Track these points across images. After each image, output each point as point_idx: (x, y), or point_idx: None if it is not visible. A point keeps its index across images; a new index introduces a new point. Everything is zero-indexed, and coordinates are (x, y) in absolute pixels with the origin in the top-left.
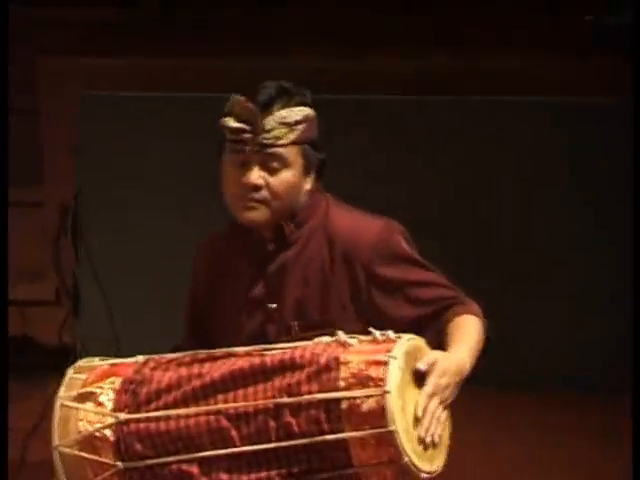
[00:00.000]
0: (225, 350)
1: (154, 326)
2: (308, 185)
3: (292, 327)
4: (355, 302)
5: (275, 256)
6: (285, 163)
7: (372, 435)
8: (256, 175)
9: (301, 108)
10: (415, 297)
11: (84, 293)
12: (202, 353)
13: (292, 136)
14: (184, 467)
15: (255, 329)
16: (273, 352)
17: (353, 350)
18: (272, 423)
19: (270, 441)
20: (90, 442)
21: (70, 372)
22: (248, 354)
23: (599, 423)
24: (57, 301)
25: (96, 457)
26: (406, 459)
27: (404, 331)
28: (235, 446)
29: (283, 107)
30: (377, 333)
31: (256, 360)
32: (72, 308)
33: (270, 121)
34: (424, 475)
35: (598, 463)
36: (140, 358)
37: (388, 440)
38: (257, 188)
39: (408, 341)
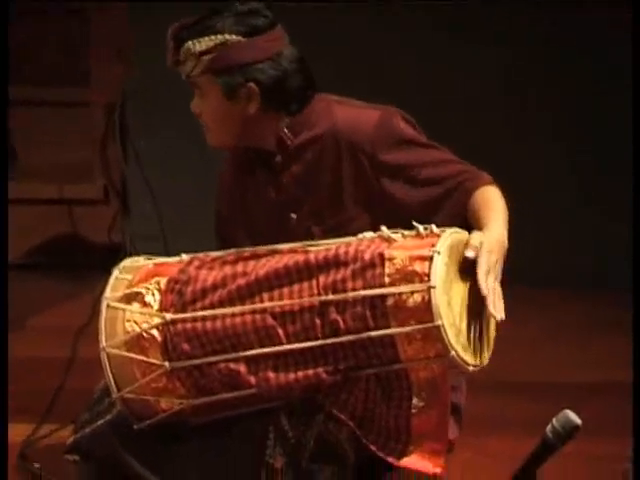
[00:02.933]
0: (269, 247)
1: (200, 226)
2: (253, 107)
3: (313, 233)
4: (368, 195)
5: (284, 167)
6: (205, 91)
7: (418, 330)
8: (194, 103)
9: (212, 37)
10: (424, 177)
11: (132, 193)
12: (247, 251)
13: (200, 67)
14: (231, 366)
15: (281, 240)
16: (317, 249)
17: (397, 246)
18: (318, 320)
19: (316, 338)
20: (137, 342)
21: (115, 272)
22: (292, 251)
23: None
24: (106, 200)
25: (144, 357)
26: (453, 353)
27: (420, 215)
28: (281, 344)
29: (191, 38)
30: (421, 227)
31: (300, 257)
32: (121, 207)
33: (181, 53)
34: (471, 368)
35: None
36: (185, 257)
37: (434, 335)
38: (197, 115)
39: (451, 235)
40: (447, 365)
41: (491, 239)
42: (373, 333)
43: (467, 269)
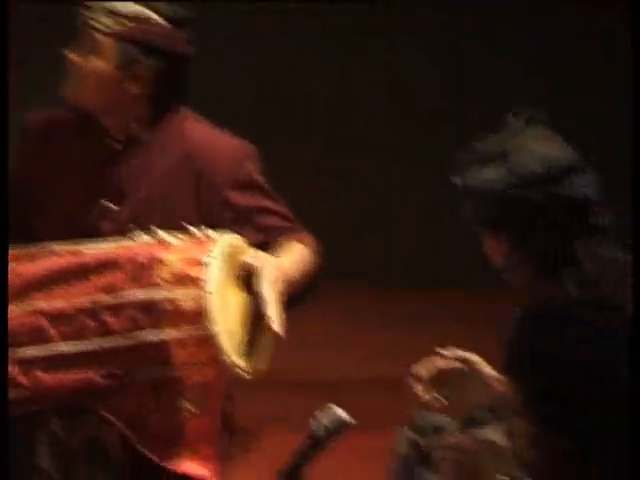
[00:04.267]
0: (44, 248)
1: None
2: (135, 89)
3: (130, 231)
4: (199, 220)
5: (121, 157)
6: (99, 50)
7: (192, 335)
8: (76, 52)
9: (141, 8)
10: (260, 224)
11: None
12: (20, 250)
13: (114, 27)
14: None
15: (90, 227)
16: (94, 250)
17: (174, 249)
18: (91, 323)
19: (89, 341)
20: None
21: None
22: (68, 252)
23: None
24: None
25: None
26: (227, 359)
27: None
28: (54, 345)
29: None
30: (197, 232)
31: (76, 258)
32: None
33: (101, 6)
34: (246, 374)
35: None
36: None
37: (208, 340)
38: (73, 62)
39: (228, 240)
40: (222, 371)
41: (272, 259)
42: (147, 337)
43: (244, 276)
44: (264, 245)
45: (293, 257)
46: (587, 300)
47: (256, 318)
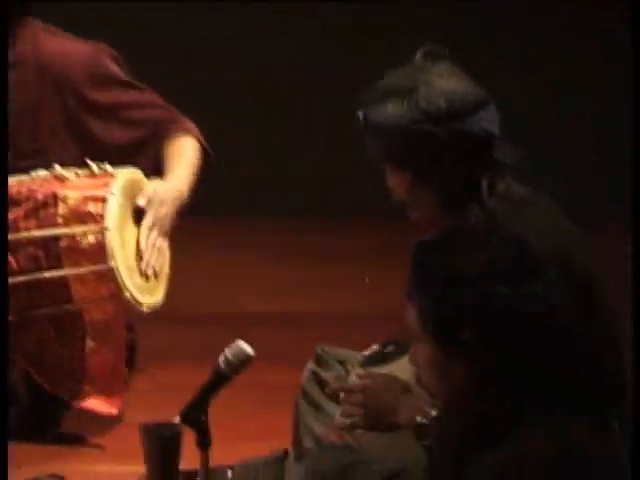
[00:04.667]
0: None
1: None
2: None
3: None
4: (68, 129)
5: None
6: None
7: (92, 271)
8: None
9: None
10: (128, 119)
11: None
12: None
13: None
14: None
15: None
16: None
17: (71, 185)
18: None
19: None
20: None
21: None
22: None
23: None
24: None
25: None
26: (127, 294)
27: (120, 158)
28: None
29: None
30: (94, 167)
31: None
32: None
33: None
34: (145, 308)
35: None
36: None
37: (108, 276)
38: None
39: (126, 175)
40: (122, 305)
41: (167, 191)
42: (46, 274)
43: (141, 211)
44: (144, 140)
45: (183, 167)
46: (489, 231)
47: None
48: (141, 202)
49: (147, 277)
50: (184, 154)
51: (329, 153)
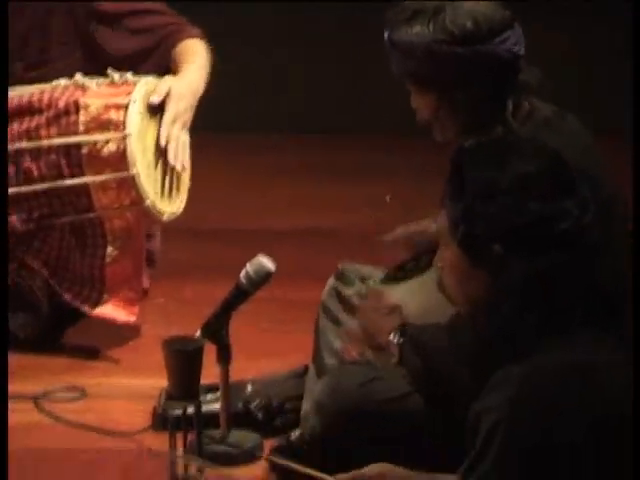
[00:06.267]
0: None
1: None
2: None
3: (15, 67)
4: (77, 39)
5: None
6: None
7: (113, 179)
8: None
9: None
10: (137, 26)
11: None
12: None
13: None
14: None
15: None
16: (10, 96)
17: (92, 93)
18: (11, 168)
19: (10, 186)
20: None
21: None
22: None
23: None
24: None
25: None
26: (148, 202)
27: (128, 66)
28: None
29: None
30: (116, 76)
31: None
32: None
33: None
34: (165, 217)
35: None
36: None
37: (129, 183)
38: None
39: (147, 83)
40: (142, 214)
41: (181, 85)
42: (67, 182)
43: (158, 112)
44: (152, 47)
45: (196, 63)
46: (526, 146)
47: None
48: (155, 99)
49: (172, 177)
50: (195, 52)
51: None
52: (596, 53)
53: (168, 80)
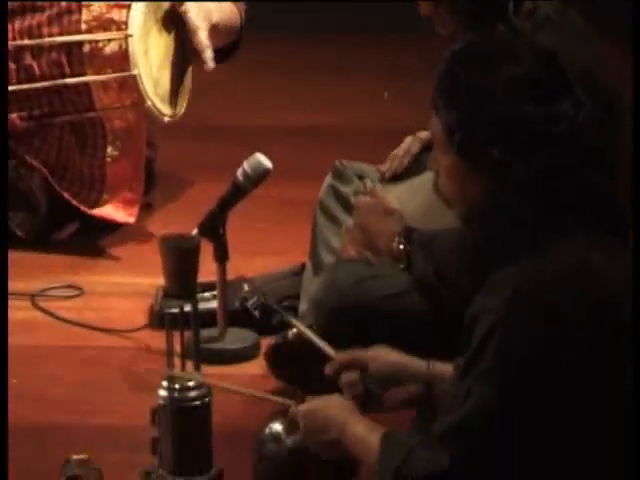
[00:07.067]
0: None
1: None
2: None
3: None
4: None
5: None
6: None
7: (114, 78)
8: None
9: None
10: None
11: None
12: None
13: None
14: None
15: None
16: None
17: None
18: (12, 65)
19: (10, 84)
20: None
21: None
22: None
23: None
24: None
25: None
26: (149, 102)
27: None
28: None
29: None
30: None
31: None
32: None
33: None
34: (166, 119)
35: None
36: None
37: (130, 84)
38: None
39: None
40: (142, 115)
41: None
42: (68, 80)
43: (168, 21)
44: None
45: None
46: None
47: (178, 62)
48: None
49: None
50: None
51: None
52: None
53: None
